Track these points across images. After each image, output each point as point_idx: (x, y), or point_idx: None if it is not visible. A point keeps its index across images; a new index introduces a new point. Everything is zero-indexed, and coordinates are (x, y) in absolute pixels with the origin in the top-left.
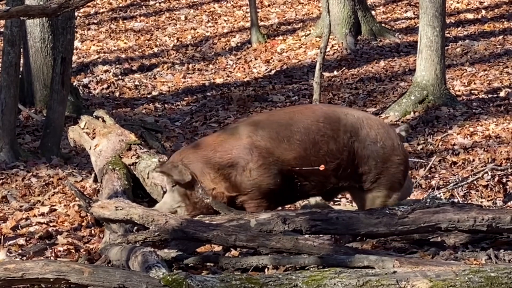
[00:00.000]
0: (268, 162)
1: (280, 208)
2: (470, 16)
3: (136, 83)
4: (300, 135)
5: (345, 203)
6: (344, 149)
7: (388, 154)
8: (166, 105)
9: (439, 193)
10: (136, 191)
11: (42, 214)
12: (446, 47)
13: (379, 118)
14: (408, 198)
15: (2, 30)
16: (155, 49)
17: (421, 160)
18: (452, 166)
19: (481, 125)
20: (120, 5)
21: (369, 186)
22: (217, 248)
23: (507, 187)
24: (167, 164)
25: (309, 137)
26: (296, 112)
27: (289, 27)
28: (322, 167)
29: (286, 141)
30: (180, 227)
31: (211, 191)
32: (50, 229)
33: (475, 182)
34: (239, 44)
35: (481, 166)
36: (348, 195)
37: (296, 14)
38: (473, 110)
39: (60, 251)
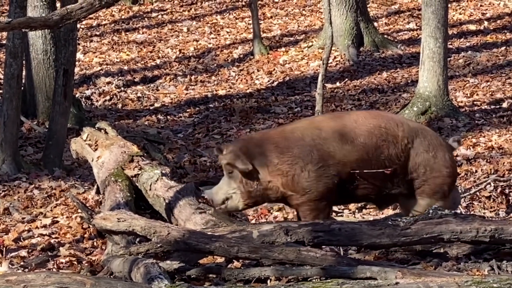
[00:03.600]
0: (328, 165)
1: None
2: (472, 27)
3: (139, 94)
4: (363, 138)
5: (347, 214)
6: (402, 155)
7: (438, 164)
8: (168, 117)
9: None
10: (139, 203)
11: (44, 226)
12: (449, 58)
13: (432, 130)
14: None
15: (4, 42)
16: (158, 61)
17: None
18: None
19: (484, 136)
20: (123, 17)
21: (413, 192)
22: (220, 260)
23: (510, 198)
24: (229, 153)
25: (372, 140)
26: (360, 115)
27: (292, 38)
28: (388, 171)
29: (349, 142)
30: (182, 239)
31: (267, 183)
32: (52, 240)
33: (477, 193)
34: (241, 56)
35: (484, 177)
36: (350, 207)
37: (299, 26)
38: (476, 121)
39: (62, 262)
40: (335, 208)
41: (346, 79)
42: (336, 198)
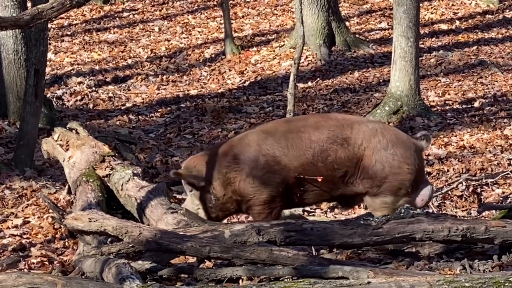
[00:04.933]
0: (273, 170)
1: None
2: (444, 26)
3: (110, 94)
4: (309, 142)
5: (319, 214)
6: (354, 157)
7: (398, 161)
8: (140, 117)
9: None
10: (110, 203)
11: (16, 226)
12: (420, 58)
13: (397, 129)
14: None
15: None
16: (129, 61)
17: None
18: (427, 176)
19: (456, 136)
20: (94, 16)
21: (376, 191)
22: (192, 260)
23: (482, 197)
24: (183, 170)
25: (318, 144)
26: (310, 120)
27: (263, 38)
28: (320, 179)
29: (295, 148)
30: (154, 239)
31: (223, 197)
32: (23, 241)
33: (449, 192)
34: (213, 56)
35: (456, 177)
36: (322, 207)
37: (270, 25)
38: (448, 121)
39: (33, 263)
40: (306, 208)
41: (318, 79)
42: (286, 202)
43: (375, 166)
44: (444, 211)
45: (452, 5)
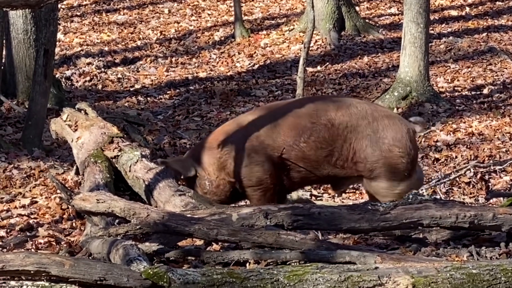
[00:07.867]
0: (257, 149)
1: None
2: (454, 13)
3: (119, 76)
4: (291, 122)
5: (327, 199)
6: (338, 138)
7: (388, 144)
8: (148, 99)
9: (422, 190)
10: (118, 184)
11: (23, 206)
12: (430, 44)
13: (388, 111)
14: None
15: None
16: (138, 42)
17: None
18: (435, 162)
19: (464, 122)
20: None
21: (369, 175)
22: (199, 242)
23: (489, 184)
24: (176, 162)
25: (300, 123)
26: (296, 101)
27: (273, 21)
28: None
29: (277, 128)
30: (161, 221)
31: (216, 179)
32: (31, 221)
33: (457, 179)
34: (222, 38)
35: (464, 163)
36: (330, 191)
37: (280, 9)
38: (456, 107)
39: (41, 243)
40: (314, 192)
41: (327, 63)
42: (279, 185)
43: (366, 150)
44: (451, 198)
45: None
